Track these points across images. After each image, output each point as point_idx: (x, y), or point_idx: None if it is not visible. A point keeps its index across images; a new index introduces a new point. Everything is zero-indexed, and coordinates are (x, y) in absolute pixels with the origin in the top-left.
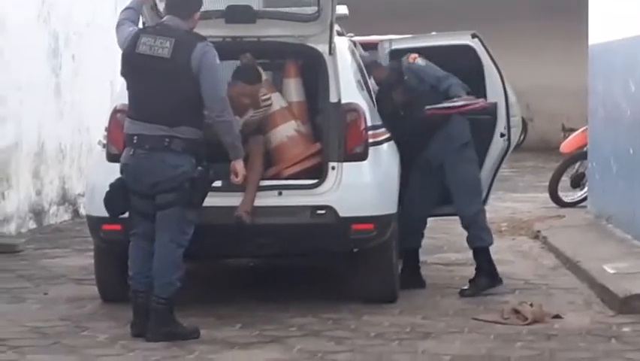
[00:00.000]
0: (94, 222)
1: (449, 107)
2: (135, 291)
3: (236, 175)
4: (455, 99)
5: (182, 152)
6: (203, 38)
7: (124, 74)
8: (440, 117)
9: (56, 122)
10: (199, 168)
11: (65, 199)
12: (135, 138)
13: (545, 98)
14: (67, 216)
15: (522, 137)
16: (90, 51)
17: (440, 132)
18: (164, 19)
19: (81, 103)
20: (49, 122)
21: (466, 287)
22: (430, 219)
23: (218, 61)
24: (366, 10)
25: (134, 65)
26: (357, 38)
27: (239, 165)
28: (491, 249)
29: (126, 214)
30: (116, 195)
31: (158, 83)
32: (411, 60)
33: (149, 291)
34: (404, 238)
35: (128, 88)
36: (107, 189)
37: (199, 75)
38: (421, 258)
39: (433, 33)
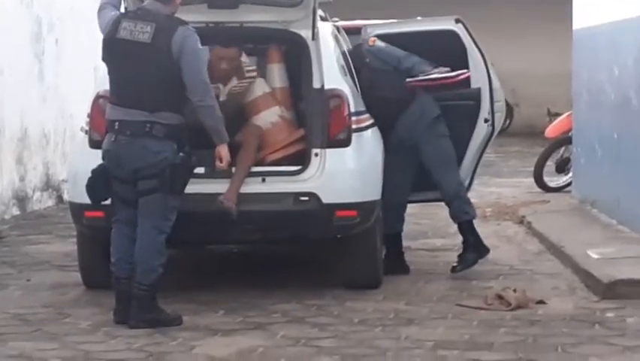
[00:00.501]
0: (76, 209)
1: (437, 79)
2: (117, 278)
3: (221, 160)
4: (436, 70)
5: (163, 137)
6: (184, 23)
7: (105, 59)
8: (407, 95)
9: (39, 107)
10: (181, 154)
11: (49, 185)
12: (116, 123)
13: (531, 83)
14: (51, 203)
15: (507, 122)
16: (73, 36)
17: (409, 110)
18: (145, 3)
19: (64, 88)
20: (32, 107)
21: (455, 264)
22: (414, 205)
23: (199, 45)
24: None
25: (114, 50)
26: (341, 23)
27: (223, 150)
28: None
29: (109, 201)
30: (97, 182)
31: (138, 69)
32: (370, 43)
33: (132, 278)
34: (385, 224)
35: (109, 73)
36: (89, 175)
37: (180, 60)
38: (406, 244)
39: (418, 18)
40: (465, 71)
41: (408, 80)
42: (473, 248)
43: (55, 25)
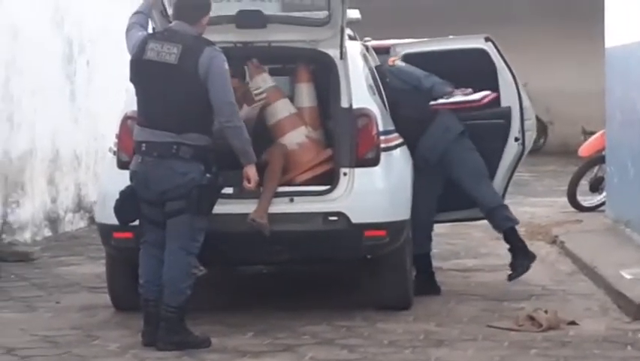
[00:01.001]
0: (105, 230)
1: (462, 102)
2: (146, 300)
3: (249, 181)
4: (458, 92)
5: (190, 159)
6: (211, 43)
7: (132, 80)
8: (428, 115)
9: (71, 128)
10: (207, 175)
11: (81, 206)
12: (143, 145)
13: (565, 101)
14: (82, 224)
15: (542, 140)
16: (105, 57)
17: (431, 129)
18: (172, 24)
19: (96, 109)
20: (63, 128)
21: (510, 272)
22: (446, 225)
23: (226, 66)
24: (381, 15)
25: (141, 71)
26: (373, 43)
27: (251, 171)
28: (509, 254)
29: (137, 222)
30: (126, 203)
31: (165, 90)
32: (390, 63)
33: (160, 299)
34: (413, 244)
35: (137, 94)
36: (117, 197)
37: (207, 80)
38: (438, 264)
39: (451, 37)
40: (489, 93)
41: (432, 103)
42: (523, 254)
43: (87, 47)
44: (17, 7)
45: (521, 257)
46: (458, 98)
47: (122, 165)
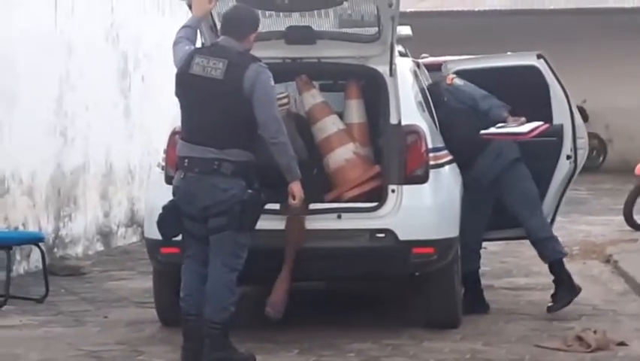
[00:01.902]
0: (152, 245)
1: (510, 134)
2: (186, 314)
3: (294, 198)
4: (511, 119)
5: (231, 175)
6: (257, 59)
7: (177, 94)
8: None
9: (125, 143)
10: (249, 191)
11: (133, 221)
12: (186, 160)
13: (625, 118)
14: (135, 238)
15: (601, 158)
16: (159, 72)
17: (486, 152)
18: (219, 39)
19: (150, 124)
20: (117, 143)
21: (551, 304)
22: (498, 243)
23: (272, 82)
24: (438, 32)
25: (186, 85)
26: (427, 60)
27: (296, 187)
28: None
29: (180, 237)
30: (168, 218)
31: (209, 105)
32: (448, 82)
33: (200, 315)
34: (462, 261)
35: (181, 109)
36: (160, 211)
37: (252, 96)
38: (489, 282)
39: (509, 53)
40: (540, 124)
41: (482, 132)
42: (567, 287)
43: (142, 62)
44: (72, 23)
45: (565, 290)
46: (506, 129)
47: (170, 180)
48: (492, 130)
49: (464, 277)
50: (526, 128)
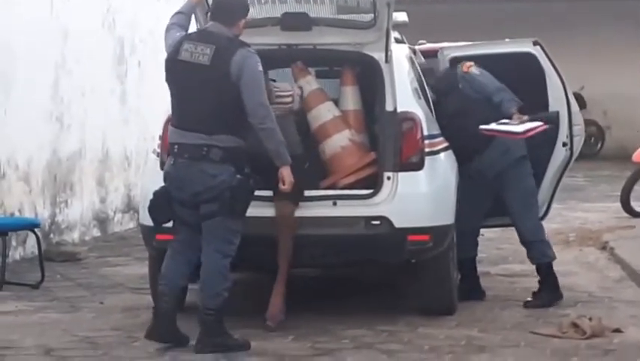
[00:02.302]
0: (147, 232)
1: (510, 132)
2: (161, 293)
3: (284, 183)
4: (512, 119)
5: (220, 161)
6: (245, 44)
7: (167, 80)
8: None
9: (121, 129)
10: (238, 176)
11: (130, 207)
12: (176, 146)
13: (623, 105)
14: (132, 224)
15: (599, 145)
16: (156, 58)
17: (493, 144)
18: (208, 25)
19: (146, 110)
20: (113, 129)
21: (529, 299)
22: (495, 230)
23: (260, 67)
24: (435, 18)
25: (175, 71)
26: (425, 46)
27: (286, 172)
28: (557, 259)
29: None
30: (159, 203)
31: (197, 91)
32: (465, 69)
33: (174, 296)
34: (459, 249)
35: (171, 95)
36: (151, 197)
37: (239, 82)
38: (485, 269)
39: (507, 40)
40: (539, 125)
41: (481, 127)
42: (550, 290)
43: (138, 47)
44: (68, 8)
45: (549, 293)
46: (504, 126)
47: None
48: (490, 126)
49: (461, 264)
50: (522, 128)
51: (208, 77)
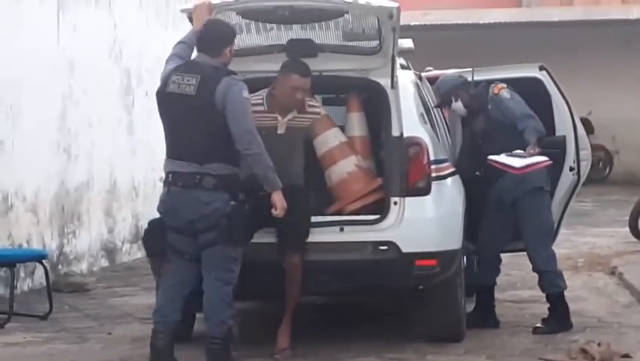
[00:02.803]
0: (155, 261)
1: (507, 165)
2: (155, 331)
3: (276, 208)
4: (530, 148)
5: (213, 189)
6: (229, 73)
7: (159, 113)
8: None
9: (129, 159)
10: (232, 203)
11: (138, 237)
12: (170, 175)
13: (631, 130)
14: (140, 255)
15: (607, 170)
16: None
17: (510, 173)
18: (195, 56)
19: (154, 140)
20: (121, 159)
21: (539, 325)
22: (504, 256)
23: (244, 94)
24: (443, 45)
25: (165, 104)
26: (433, 72)
27: (276, 197)
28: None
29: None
30: (154, 233)
31: (186, 121)
32: (496, 91)
33: (168, 332)
34: (479, 275)
35: (164, 127)
36: (146, 227)
37: (225, 110)
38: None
39: (513, 65)
40: (542, 161)
41: (488, 157)
42: (560, 319)
43: (145, 78)
44: (74, 39)
45: (559, 320)
46: (505, 159)
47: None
48: (496, 157)
49: (478, 291)
50: (521, 163)
51: (195, 107)
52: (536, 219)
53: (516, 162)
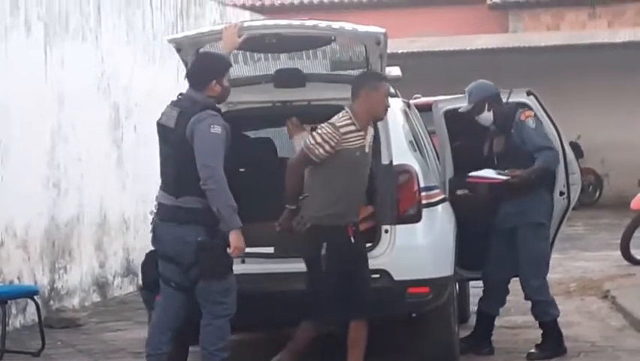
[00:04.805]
0: (148, 295)
1: (487, 178)
2: None
3: (231, 248)
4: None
5: (183, 223)
6: (206, 107)
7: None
8: (524, 188)
9: (119, 193)
10: (199, 238)
11: (130, 271)
12: (157, 206)
13: (621, 153)
14: (131, 288)
15: (597, 193)
16: (152, 121)
17: (515, 201)
18: (186, 90)
19: (144, 174)
20: (111, 193)
21: (533, 350)
22: None
23: (213, 129)
24: (429, 72)
25: (158, 134)
26: (421, 100)
27: (232, 238)
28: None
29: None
30: (149, 265)
31: (167, 153)
32: (523, 118)
33: None
34: (484, 301)
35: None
36: (143, 258)
37: (193, 143)
38: None
39: (501, 91)
40: (503, 178)
41: (470, 174)
42: (554, 344)
43: (133, 111)
44: (62, 74)
45: (552, 346)
46: (487, 174)
47: None
48: (474, 173)
49: (480, 316)
50: (491, 176)
51: (172, 140)
52: (532, 251)
53: (495, 177)
